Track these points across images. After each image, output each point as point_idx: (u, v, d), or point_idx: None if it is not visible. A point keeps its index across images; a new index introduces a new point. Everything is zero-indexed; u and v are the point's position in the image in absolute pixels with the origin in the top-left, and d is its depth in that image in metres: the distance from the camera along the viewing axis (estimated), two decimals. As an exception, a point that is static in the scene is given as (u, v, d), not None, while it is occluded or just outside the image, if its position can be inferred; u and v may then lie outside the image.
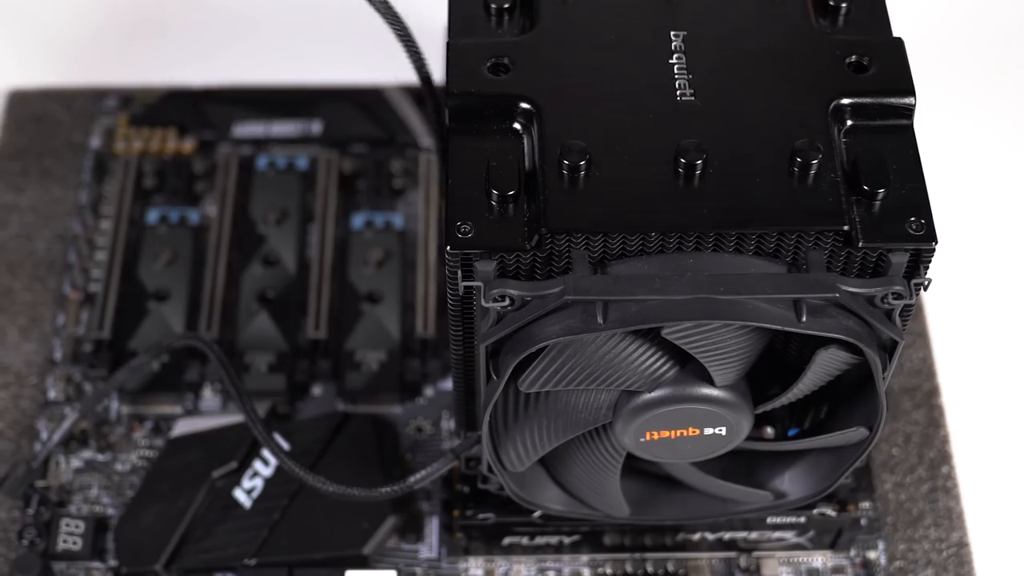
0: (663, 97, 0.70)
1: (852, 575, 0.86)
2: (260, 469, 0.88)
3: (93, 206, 1.00)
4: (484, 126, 0.70)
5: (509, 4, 0.74)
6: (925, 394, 0.92)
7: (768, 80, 0.72)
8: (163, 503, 0.87)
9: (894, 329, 0.68)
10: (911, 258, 0.67)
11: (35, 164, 1.02)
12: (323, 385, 0.93)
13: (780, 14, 0.74)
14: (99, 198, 1.01)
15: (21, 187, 1.01)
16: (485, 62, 0.72)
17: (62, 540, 0.86)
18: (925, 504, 0.88)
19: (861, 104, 0.70)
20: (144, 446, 0.91)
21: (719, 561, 0.86)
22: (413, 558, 0.87)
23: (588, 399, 0.72)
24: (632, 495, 0.80)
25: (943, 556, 0.87)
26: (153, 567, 0.85)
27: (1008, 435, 0.93)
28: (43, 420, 0.91)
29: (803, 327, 0.66)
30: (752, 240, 0.67)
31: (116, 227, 0.98)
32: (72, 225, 0.99)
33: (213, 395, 0.93)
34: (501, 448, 0.75)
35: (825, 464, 0.78)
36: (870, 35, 0.73)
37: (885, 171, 0.68)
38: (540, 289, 0.66)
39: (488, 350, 0.69)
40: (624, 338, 0.69)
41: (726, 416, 0.72)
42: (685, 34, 0.73)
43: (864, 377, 0.71)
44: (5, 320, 0.95)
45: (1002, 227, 1.02)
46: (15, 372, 0.93)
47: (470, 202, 0.68)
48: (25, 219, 1.00)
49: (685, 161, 0.67)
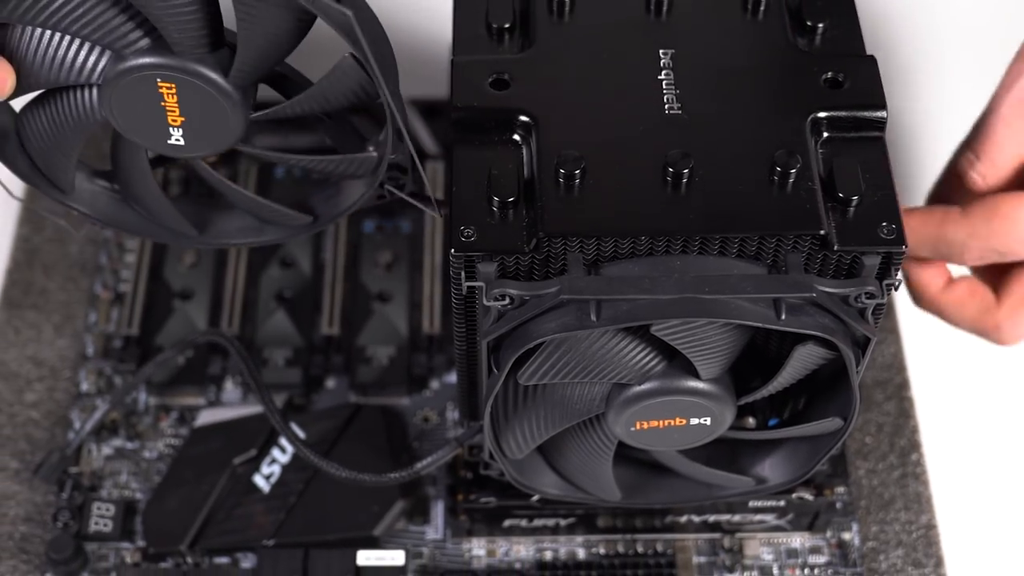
0: (652, 110, 0.70)
1: (828, 555, 0.86)
2: (278, 456, 0.88)
3: (123, 212, 1.01)
4: (486, 137, 0.70)
5: (509, 24, 0.74)
6: (896, 387, 0.92)
7: (750, 94, 0.72)
8: (187, 488, 0.87)
9: (867, 326, 0.68)
10: (883, 260, 0.67)
11: (69, 173, 1.02)
12: (336, 378, 0.93)
13: (761, 33, 0.74)
14: (128, 204, 1.01)
15: (56, 194, 1.01)
16: (487, 78, 0.71)
17: (94, 522, 0.86)
18: (896, 489, 0.88)
19: (836, 117, 0.70)
20: (170, 435, 0.91)
21: (704, 542, 0.86)
22: (420, 539, 0.86)
23: (582, 391, 0.72)
24: (623, 480, 0.80)
25: (913, 537, 0.87)
26: (178, 547, 0.85)
27: (973, 425, 0.93)
28: (76, 411, 0.91)
29: (782, 324, 0.66)
30: (735, 243, 0.67)
31: (144, 231, 0.98)
32: (103, 229, 0.99)
33: (234, 387, 0.92)
34: (502, 437, 0.75)
35: (803, 452, 0.78)
36: (845, 53, 0.73)
37: (859, 180, 0.68)
38: (538, 289, 0.66)
39: (489, 346, 0.69)
40: (616, 335, 0.68)
41: (711, 407, 0.72)
42: (673, 52, 0.73)
43: (839, 371, 0.71)
44: (41, 317, 0.95)
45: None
46: (50, 366, 0.93)
47: (473, 208, 0.68)
48: (59, 224, 0.99)
49: (673, 170, 0.67)
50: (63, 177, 0.79)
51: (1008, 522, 0.89)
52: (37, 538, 0.86)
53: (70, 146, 0.77)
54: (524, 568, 0.85)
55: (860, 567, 0.85)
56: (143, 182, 0.79)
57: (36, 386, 0.92)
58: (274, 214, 0.81)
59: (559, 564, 0.85)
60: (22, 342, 0.94)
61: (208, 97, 0.72)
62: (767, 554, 0.86)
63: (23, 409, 0.91)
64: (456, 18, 0.75)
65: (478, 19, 0.74)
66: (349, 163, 0.77)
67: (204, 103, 0.72)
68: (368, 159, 0.75)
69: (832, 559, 0.86)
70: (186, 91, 0.72)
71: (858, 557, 0.86)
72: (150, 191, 0.80)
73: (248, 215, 0.81)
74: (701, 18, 0.74)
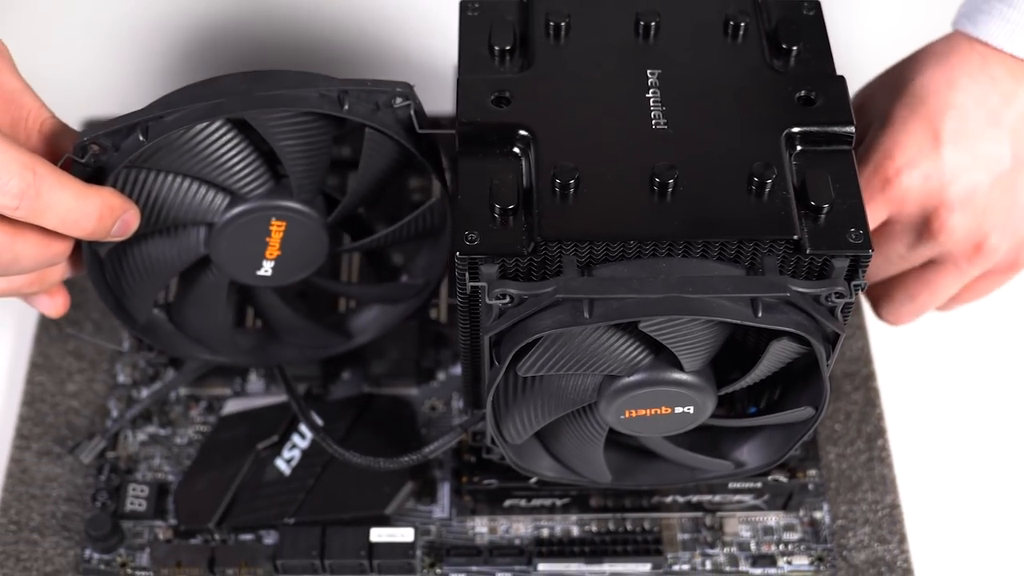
0: (640, 125, 0.70)
1: (801, 532, 0.86)
2: (298, 442, 0.88)
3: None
4: (488, 150, 0.70)
5: (510, 46, 0.74)
6: (863, 378, 0.92)
7: (730, 111, 0.72)
8: (215, 471, 0.87)
9: (836, 323, 0.68)
10: (851, 263, 0.67)
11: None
12: (351, 370, 0.93)
13: (740, 55, 0.74)
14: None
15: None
16: (489, 95, 0.71)
17: (129, 502, 0.86)
18: (863, 472, 0.88)
19: (809, 132, 0.70)
20: (199, 422, 0.91)
21: (688, 520, 0.86)
22: (428, 518, 0.86)
23: (576, 382, 0.72)
24: (614, 464, 0.80)
25: (878, 516, 0.87)
26: (207, 525, 0.85)
27: (934, 413, 0.93)
28: (113, 400, 0.91)
29: (759, 321, 0.66)
30: (716, 247, 0.67)
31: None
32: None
33: (258, 379, 0.92)
34: (502, 424, 0.75)
35: (778, 438, 0.78)
36: (817, 74, 0.73)
37: (829, 189, 0.68)
38: (535, 289, 0.66)
39: (491, 340, 0.69)
40: (607, 330, 0.68)
41: (694, 397, 0.72)
42: (660, 72, 0.73)
43: (811, 364, 0.71)
44: (82, 315, 0.95)
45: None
46: (89, 359, 0.93)
47: (476, 214, 0.68)
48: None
49: (659, 180, 0.67)
50: (141, 309, 0.78)
51: (965, 501, 0.89)
52: (77, 516, 0.86)
53: (163, 280, 0.77)
54: (523, 544, 0.85)
55: (830, 543, 0.85)
56: (216, 311, 0.79)
57: (76, 378, 0.93)
58: (320, 338, 0.85)
59: (555, 540, 0.85)
60: (63, 338, 0.94)
61: (310, 233, 0.75)
62: (745, 531, 0.86)
63: (64, 399, 0.91)
64: (462, 40, 0.75)
65: (482, 41, 0.74)
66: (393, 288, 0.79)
67: (304, 239, 0.75)
68: (411, 287, 0.76)
69: (805, 536, 0.86)
70: (293, 228, 0.74)
71: (828, 534, 0.86)
72: (219, 320, 0.80)
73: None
74: (686, 41, 0.74)
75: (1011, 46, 0.77)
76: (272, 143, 0.72)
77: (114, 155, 0.70)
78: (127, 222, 0.71)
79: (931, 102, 0.77)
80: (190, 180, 0.73)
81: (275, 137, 0.72)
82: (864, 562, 0.85)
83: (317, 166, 0.75)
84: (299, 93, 0.71)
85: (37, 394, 0.92)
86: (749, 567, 0.84)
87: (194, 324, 0.82)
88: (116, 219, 0.70)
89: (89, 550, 0.85)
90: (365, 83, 0.71)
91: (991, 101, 0.77)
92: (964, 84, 0.77)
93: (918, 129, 0.77)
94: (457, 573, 0.84)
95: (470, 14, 0.76)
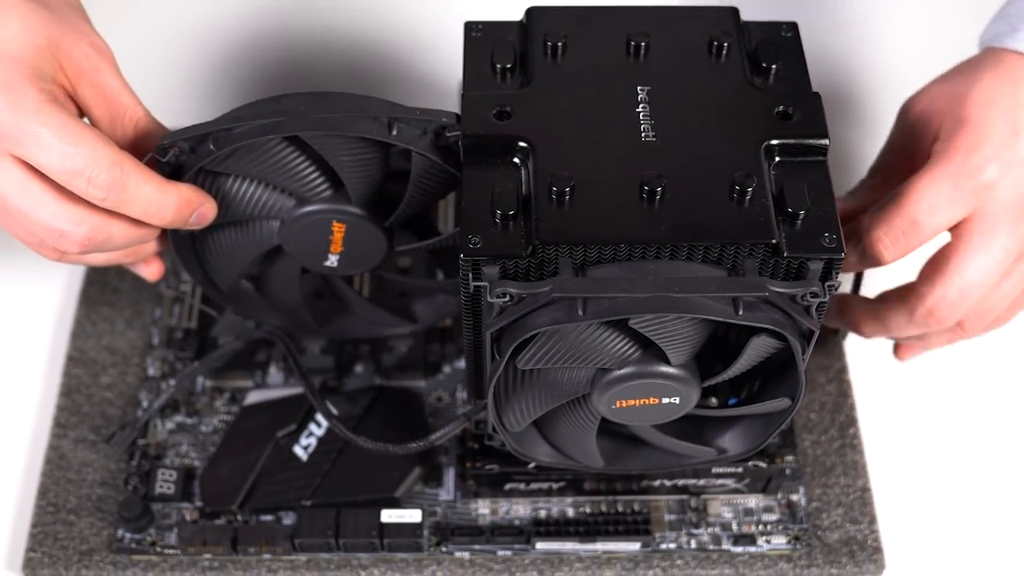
0: (631, 138, 0.70)
1: (779, 513, 0.86)
2: (314, 430, 0.88)
3: (183, 223, 1.00)
4: (490, 160, 0.70)
5: (511, 64, 0.74)
6: (836, 371, 0.92)
7: (714, 125, 0.72)
8: (238, 457, 0.87)
9: (811, 321, 0.68)
10: (825, 265, 0.67)
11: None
12: (364, 364, 0.93)
13: (723, 73, 0.74)
14: (188, 217, 1.01)
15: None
16: (491, 110, 0.72)
17: (159, 485, 0.86)
18: (836, 458, 0.88)
19: (786, 144, 0.70)
20: (223, 412, 0.91)
21: (674, 502, 0.86)
22: (434, 500, 0.86)
23: (571, 375, 0.72)
24: (606, 450, 0.80)
25: (850, 498, 0.87)
26: (230, 507, 0.85)
27: (902, 403, 0.93)
28: (144, 391, 0.91)
29: (740, 319, 0.66)
30: (700, 250, 0.67)
31: (201, 240, 0.98)
32: (167, 238, 0.99)
33: (277, 372, 0.92)
34: (503, 413, 0.75)
35: (757, 427, 0.78)
36: (794, 90, 0.73)
37: (805, 197, 0.68)
38: (533, 288, 0.66)
39: (492, 336, 0.69)
40: (599, 327, 0.69)
41: (679, 388, 0.72)
42: (649, 89, 0.73)
43: (788, 358, 0.71)
44: (114, 313, 0.95)
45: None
46: (122, 354, 0.93)
47: (479, 220, 0.68)
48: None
49: (648, 188, 0.67)
50: (225, 282, 0.84)
51: (931, 485, 0.89)
52: (111, 499, 0.86)
53: (241, 262, 0.82)
54: (522, 524, 0.85)
55: (806, 524, 0.85)
56: (290, 290, 0.84)
57: (110, 371, 0.93)
58: (384, 318, 0.88)
59: (552, 521, 0.85)
60: (98, 333, 0.94)
61: (368, 236, 0.78)
62: (727, 513, 0.86)
63: (99, 390, 0.92)
64: (466, 59, 0.75)
65: (485, 60, 0.75)
66: (453, 283, 0.84)
67: (362, 239, 0.79)
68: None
69: (782, 517, 0.86)
70: (352, 230, 0.78)
71: (804, 515, 0.86)
72: (293, 297, 0.85)
73: (361, 318, 0.87)
74: (673, 60, 0.74)
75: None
76: (328, 159, 0.74)
77: (191, 157, 0.74)
78: (203, 214, 0.76)
79: (1001, 102, 0.77)
80: (259, 183, 0.77)
81: (331, 153, 0.74)
82: (837, 541, 0.85)
83: (371, 178, 0.76)
84: (352, 117, 0.73)
85: (74, 386, 0.92)
86: (731, 545, 0.84)
87: (274, 296, 0.86)
88: (192, 211, 0.75)
89: (121, 530, 0.85)
90: (415, 111, 0.73)
91: None
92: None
93: (998, 122, 0.76)
94: (461, 551, 0.84)
95: (474, 35, 0.76)
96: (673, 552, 0.84)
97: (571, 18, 0.76)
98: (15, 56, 0.71)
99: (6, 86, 0.70)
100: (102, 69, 0.75)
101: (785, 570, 0.84)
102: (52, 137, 0.69)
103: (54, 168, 0.70)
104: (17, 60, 0.71)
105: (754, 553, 0.84)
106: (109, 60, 0.76)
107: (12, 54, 0.71)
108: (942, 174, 0.75)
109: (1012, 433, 0.91)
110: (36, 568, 0.84)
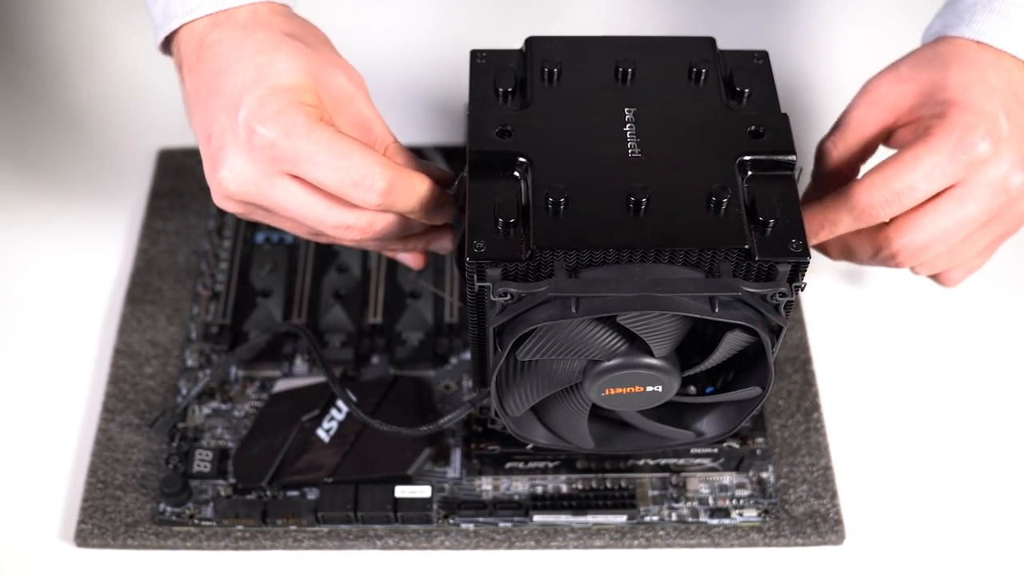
0: (619, 153, 0.70)
1: (751, 489, 0.86)
2: (335, 415, 0.87)
3: (218, 230, 1.00)
4: (493, 173, 0.70)
5: (512, 88, 0.74)
6: (802, 362, 0.92)
7: (693, 142, 0.72)
8: (267, 439, 0.87)
9: (780, 318, 0.68)
10: (792, 268, 0.67)
11: (177, 201, 1.02)
12: (379, 356, 0.92)
13: (702, 96, 0.74)
14: (222, 225, 1.01)
15: (167, 217, 1.01)
16: (494, 129, 0.71)
17: (196, 464, 0.86)
18: (801, 440, 0.88)
19: (758, 160, 0.70)
20: (254, 399, 0.90)
21: (657, 479, 0.86)
22: (442, 477, 0.86)
23: (565, 365, 0.72)
24: (596, 433, 0.79)
25: (814, 476, 0.86)
26: (260, 483, 0.85)
27: (860, 391, 0.93)
28: (183, 381, 0.91)
29: (716, 316, 0.66)
30: (680, 255, 0.67)
31: (234, 245, 0.98)
32: (203, 243, 0.99)
33: (302, 363, 0.92)
34: (504, 400, 0.75)
35: (731, 412, 0.78)
36: (765, 112, 0.73)
37: (774, 207, 0.68)
38: (531, 288, 0.66)
39: (495, 331, 0.69)
40: (590, 323, 0.68)
41: (662, 378, 0.72)
42: (635, 110, 0.73)
43: (759, 351, 0.71)
44: (156, 310, 0.95)
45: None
46: (163, 347, 0.93)
47: (483, 227, 0.68)
48: (170, 240, 1.00)
49: (634, 199, 0.67)
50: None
51: (887, 464, 0.89)
52: (153, 476, 0.86)
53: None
54: (521, 499, 0.85)
55: (775, 499, 0.85)
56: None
57: (153, 362, 0.93)
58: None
59: (547, 496, 0.85)
60: (142, 329, 0.94)
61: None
62: (704, 489, 0.86)
63: (143, 380, 0.91)
64: (472, 83, 0.75)
65: (488, 84, 0.74)
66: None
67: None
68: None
69: (753, 492, 0.86)
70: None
71: (773, 491, 0.86)
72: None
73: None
74: (657, 85, 0.74)
75: (1004, 45, 0.77)
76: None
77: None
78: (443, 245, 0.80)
79: (977, 86, 0.76)
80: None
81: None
82: (802, 514, 0.85)
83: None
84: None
85: (120, 375, 0.91)
86: (708, 518, 0.84)
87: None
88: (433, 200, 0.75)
89: (163, 504, 0.85)
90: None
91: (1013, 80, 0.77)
92: (992, 73, 0.76)
93: (985, 103, 0.75)
94: (466, 523, 0.84)
95: (479, 62, 0.76)
96: (656, 524, 0.84)
97: (566, 47, 0.76)
98: (283, 88, 0.71)
99: (279, 114, 0.70)
100: (356, 99, 0.74)
101: (756, 540, 0.84)
102: (327, 156, 0.69)
103: (331, 183, 0.70)
104: (285, 91, 0.71)
105: (728, 525, 0.84)
106: (363, 90, 0.75)
107: (281, 86, 0.71)
108: (942, 146, 0.74)
109: (961, 415, 0.91)
110: (87, 538, 0.83)
